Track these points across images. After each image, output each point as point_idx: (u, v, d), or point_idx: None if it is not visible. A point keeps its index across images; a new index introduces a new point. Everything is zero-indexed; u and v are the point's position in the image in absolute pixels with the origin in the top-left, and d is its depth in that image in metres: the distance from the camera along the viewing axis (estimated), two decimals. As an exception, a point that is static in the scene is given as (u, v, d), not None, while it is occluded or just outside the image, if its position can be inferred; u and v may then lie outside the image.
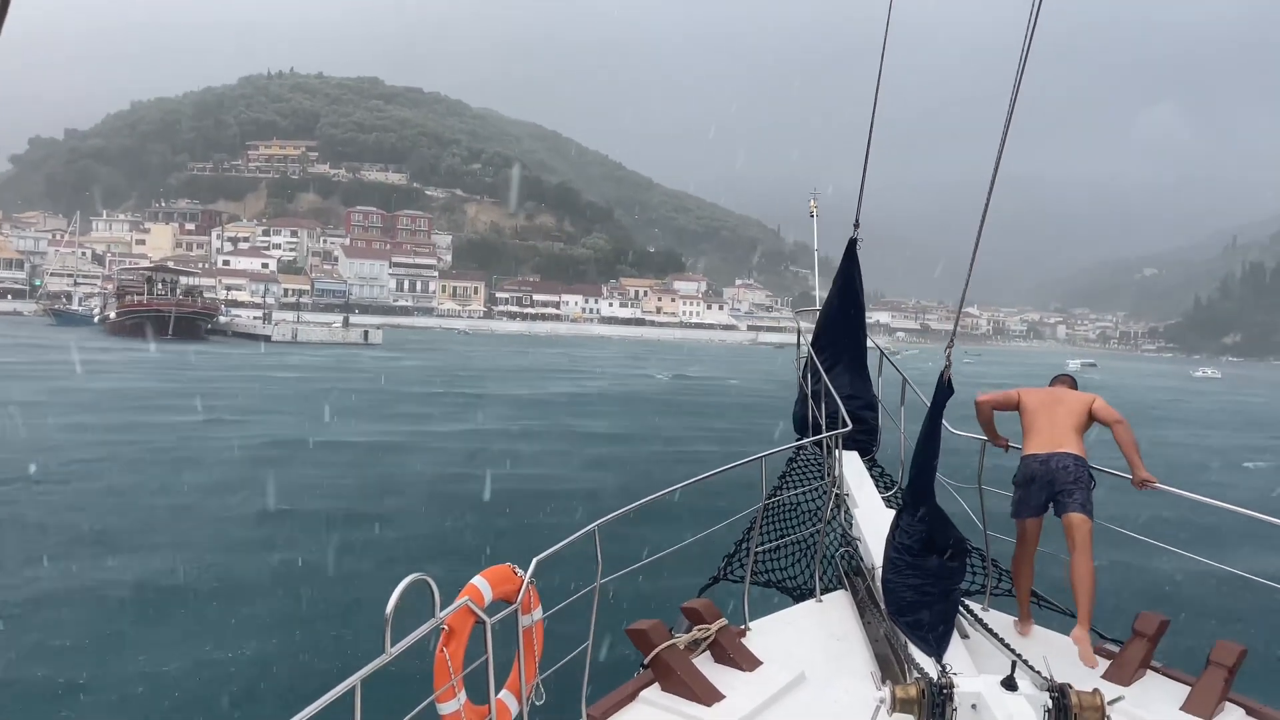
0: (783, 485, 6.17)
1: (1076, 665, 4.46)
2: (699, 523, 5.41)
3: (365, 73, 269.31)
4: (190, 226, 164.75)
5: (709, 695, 3.99)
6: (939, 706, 3.40)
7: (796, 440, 6.66)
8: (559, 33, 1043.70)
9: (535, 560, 3.62)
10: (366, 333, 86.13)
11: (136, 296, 75.12)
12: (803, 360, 7.17)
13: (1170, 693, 4.27)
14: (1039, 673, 3.57)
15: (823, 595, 5.40)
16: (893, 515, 4.80)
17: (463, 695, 3.30)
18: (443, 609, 3.16)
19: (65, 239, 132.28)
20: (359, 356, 64.49)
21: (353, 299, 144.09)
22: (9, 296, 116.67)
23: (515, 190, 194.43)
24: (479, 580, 3.49)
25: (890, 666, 4.28)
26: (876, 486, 6.17)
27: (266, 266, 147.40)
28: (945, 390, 4.38)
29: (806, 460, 6.40)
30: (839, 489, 5.82)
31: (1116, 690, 4.11)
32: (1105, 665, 4.51)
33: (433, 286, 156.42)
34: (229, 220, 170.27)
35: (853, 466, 6.15)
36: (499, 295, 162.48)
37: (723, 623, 4.46)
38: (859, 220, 6.86)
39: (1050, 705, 3.33)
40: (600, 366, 65.74)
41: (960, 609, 4.63)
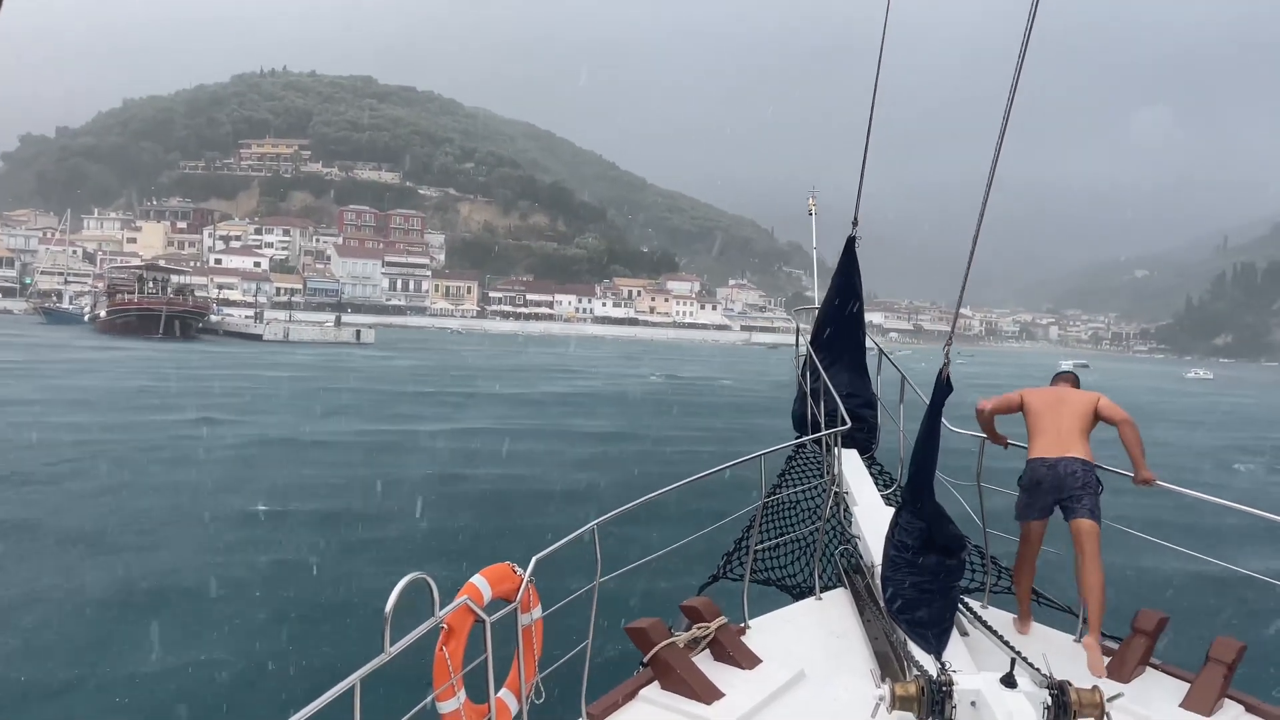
0: (782, 483, 6.16)
1: (1075, 662, 4.45)
2: (698, 521, 5.40)
3: (358, 71, 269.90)
4: (182, 225, 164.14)
5: (708, 693, 3.97)
6: (938, 704, 3.38)
7: (795, 438, 6.66)
8: (552, 32, 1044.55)
9: (534, 559, 3.60)
10: (359, 332, 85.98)
11: (127, 295, 74.75)
12: (802, 358, 7.16)
13: (1169, 689, 4.28)
14: (1038, 670, 3.56)
15: (822, 593, 5.39)
16: (892, 513, 4.79)
17: (462, 694, 3.28)
18: (442, 608, 3.14)
19: (56, 237, 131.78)
20: (351, 356, 64.34)
21: (345, 298, 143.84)
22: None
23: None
24: (478, 579, 3.47)
25: (890, 664, 4.27)
26: (876, 484, 6.16)
27: (258, 265, 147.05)
28: (944, 388, 4.37)
29: (806, 458, 6.39)
30: (838, 487, 5.82)
31: (1116, 687, 4.11)
32: (1105, 662, 4.52)
33: (425, 286, 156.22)
34: (221, 219, 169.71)
35: (852, 464, 6.15)
36: (492, 295, 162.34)
37: (722, 621, 4.45)
38: (858, 218, 6.83)
39: (1049, 702, 3.32)
40: (594, 366, 65.71)
41: (959, 607, 4.63)
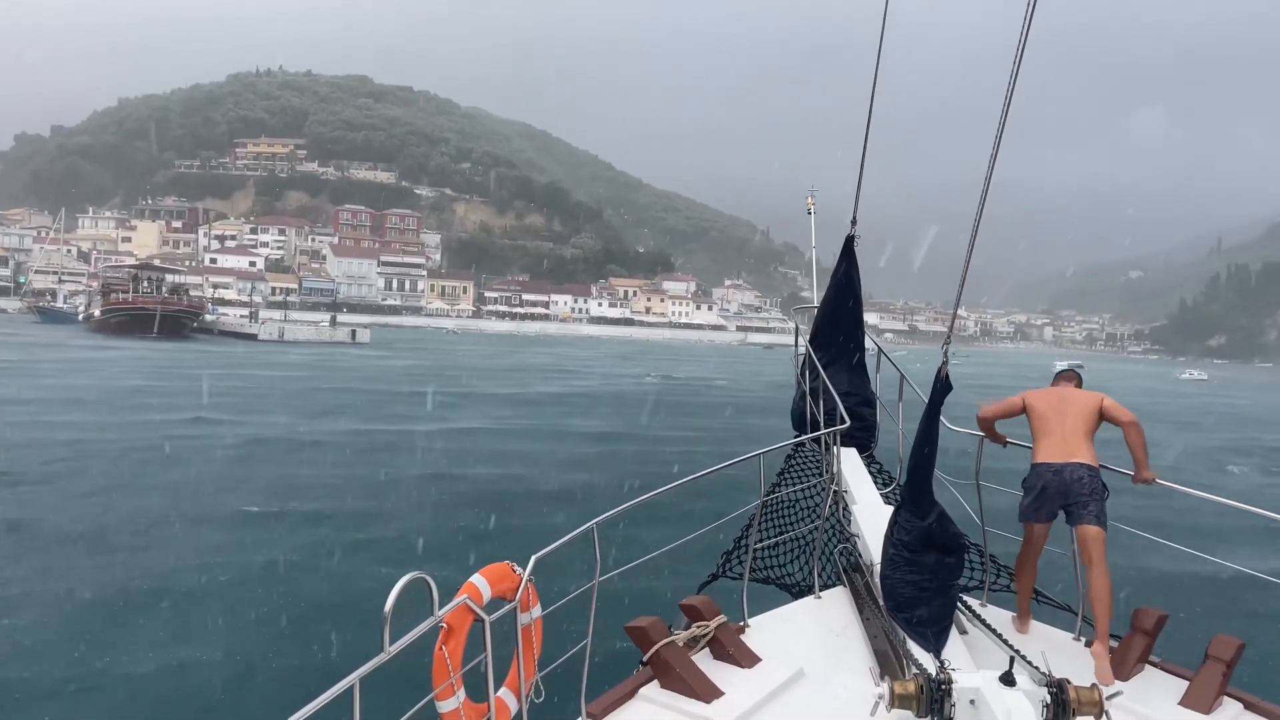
0: (781, 482, 6.17)
1: (1074, 661, 4.45)
2: (697, 520, 5.40)
3: (354, 71, 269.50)
4: (177, 224, 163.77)
5: (708, 692, 3.97)
6: (937, 702, 3.39)
7: (794, 437, 6.65)
8: (549, 32, 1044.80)
9: (534, 558, 3.60)
10: (354, 332, 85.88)
11: (122, 294, 74.42)
12: (801, 357, 7.16)
13: (1169, 687, 4.28)
14: (1037, 668, 3.56)
15: (821, 592, 5.39)
16: (891, 511, 4.79)
17: (462, 693, 3.28)
18: (441, 607, 3.14)
19: (50, 236, 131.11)
20: (346, 355, 64.25)
21: (341, 298, 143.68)
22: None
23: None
24: (478, 578, 3.47)
25: (889, 662, 4.26)
26: (875, 483, 6.16)
27: (254, 265, 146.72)
28: (943, 386, 4.37)
29: (805, 457, 6.39)
30: (837, 486, 5.81)
31: (1115, 685, 4.11)
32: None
33: (421, 286, 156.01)
34: (216, 218, 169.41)
35: (851, 463, 6.15)
36: (488, 295, 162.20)
37: (722, 620, 4.44)
38: (856, 217, 6.82)
39: (1048, 700, 3.33)
40: (589, 366, 65.70)
41: (958, 605, 4.63)
